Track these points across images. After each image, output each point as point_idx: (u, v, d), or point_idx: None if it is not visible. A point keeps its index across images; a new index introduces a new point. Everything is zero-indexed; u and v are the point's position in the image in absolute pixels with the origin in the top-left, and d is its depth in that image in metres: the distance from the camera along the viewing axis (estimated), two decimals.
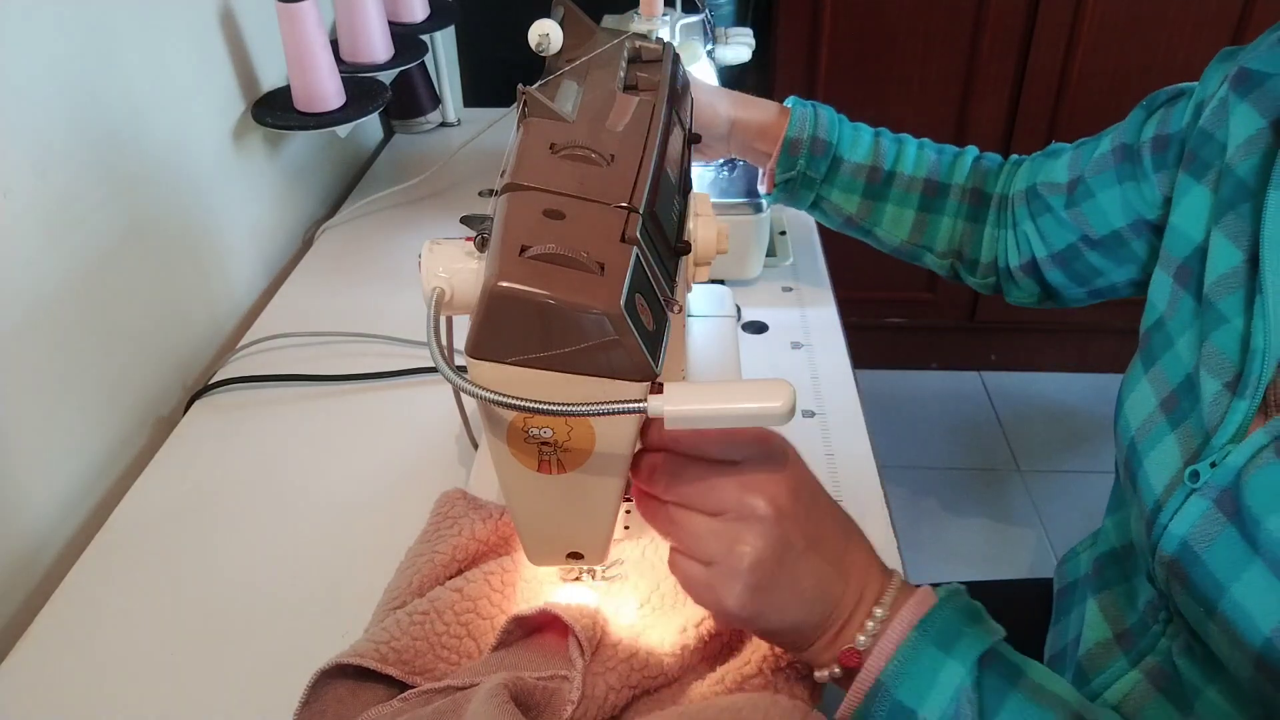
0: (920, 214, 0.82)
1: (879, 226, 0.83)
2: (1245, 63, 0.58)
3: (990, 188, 0.81)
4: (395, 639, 0.54)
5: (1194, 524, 0.51)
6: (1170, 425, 0.55)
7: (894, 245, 0.85)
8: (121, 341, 0.80)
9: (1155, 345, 0.59)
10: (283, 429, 0.81)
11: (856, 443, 0.78)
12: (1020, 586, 0.86)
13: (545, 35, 0.56)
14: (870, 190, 0.82)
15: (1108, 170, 0.69)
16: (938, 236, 0.82)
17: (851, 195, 0.82)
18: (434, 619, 0.55)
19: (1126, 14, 1.78)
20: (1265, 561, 0.46)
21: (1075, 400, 2.18)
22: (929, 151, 0.82)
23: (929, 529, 1.87)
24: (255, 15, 0.99)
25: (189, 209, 0.89)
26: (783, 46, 1.86)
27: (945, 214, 0.82)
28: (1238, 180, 0.54)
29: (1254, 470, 0.48)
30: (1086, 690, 0.63)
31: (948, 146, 0.84)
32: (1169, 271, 0.60)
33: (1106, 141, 0.71)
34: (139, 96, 0.81)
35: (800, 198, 0.85)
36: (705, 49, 0.95)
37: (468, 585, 0.57)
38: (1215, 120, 0.58)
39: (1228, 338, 0.52)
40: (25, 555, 0.69)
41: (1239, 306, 0.51)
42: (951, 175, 0.81)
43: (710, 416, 0.44)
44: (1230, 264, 0.53)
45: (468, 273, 0.47)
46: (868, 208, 0.82)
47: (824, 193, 0.83)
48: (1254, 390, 0.49)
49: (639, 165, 0.50)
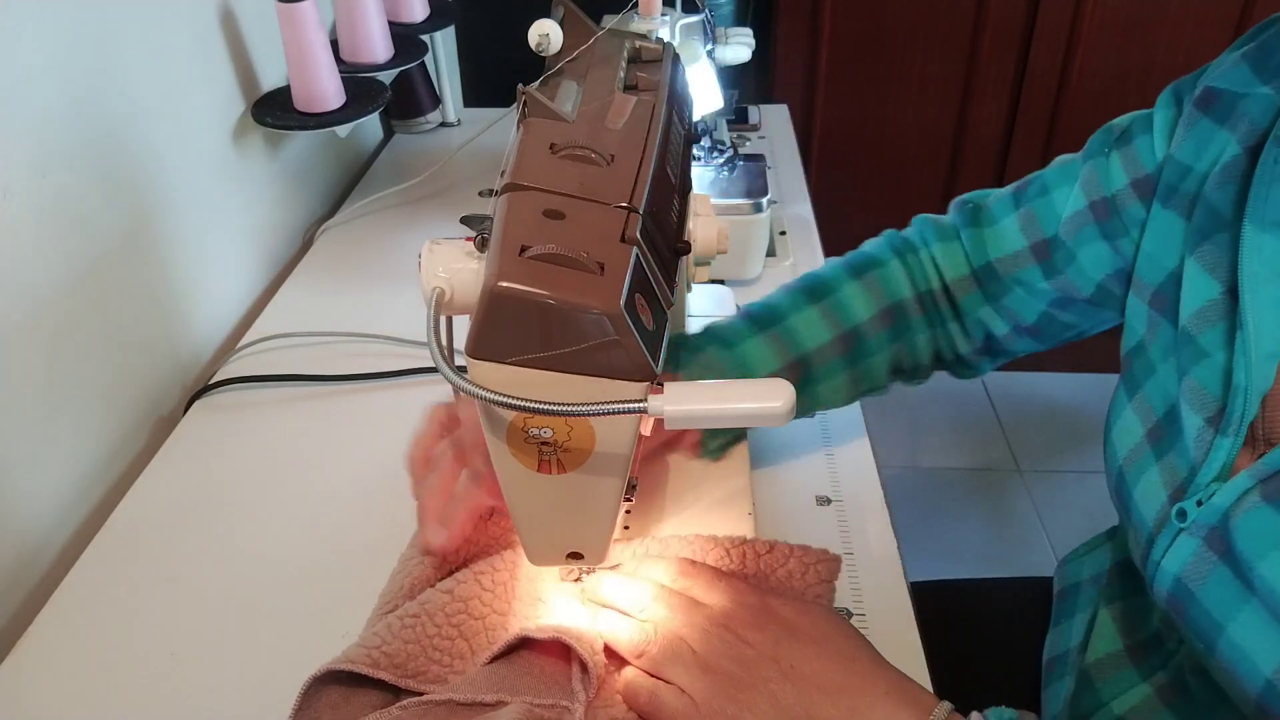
0: (850, 371, 0.70)
1: (817, 406, 0.71)
2: (1211, 83, 0.56)
3: (900, 295, 0.71)
4: (386, 643, 0.54)
5: (1186, 562, 0.50)
6: (1155, 456, 0.54)
7: (837, 407, 0.73)
8: (121, 341, 0.80)
9: (1137, 371, 0.58)
10: (283, 429, 0.81)
11: (856, 443, 0.78)
12: (1019, 585, 0.86)
13: (545, 35, 0.56)
14: (798, 386, 0.65)
15: (1087, 227, 0.63)
16: (874, 375, 0.72)
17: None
18: (425, 621, 0.55)
19: (1126, 14, 1.78)
20: (1261, 604, 0.46)
21: (1075, 400, 2.18)
22: (810, 306, 0.70)
23: (929, 529, 1.87)
24: (255, 15, 0.99)
25: (189, 209, 0.89)
26: (783, 46, 1.86)
27: (871, 354, 0.71)
28: (1211, 209, 0.53)
29: (1241, 513, 0.47)
30: (1093, 699, 0.63)
31: (819, 277, 0.72)
32: (1143, 298, 0.58)
33: (1069, 196, 0.65)
34: (139, 96, 0.81)
35: (730, 442, 0.73)
36: (705, 49, 0.95)
37: (458, 586, 0.57)
38: (1187, 147, 0.56)
39: (1209, 373, 0.50)
40: (25, 555, 0.69)
41: (1220, 341, 0.50)
42: (854, 314, 0.70)
43: (710, 416, 0.44)
44: (1208, 296, 0.51)
45: (468, 273, 0.47)
46: (800, 403, 0.68)
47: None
48: (1237, 428, 0.48)
49: (639, 165, 0.50)
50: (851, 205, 2.01)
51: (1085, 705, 0.63)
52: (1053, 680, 0.70)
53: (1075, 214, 0.64)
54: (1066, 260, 0.65)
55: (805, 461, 0.75)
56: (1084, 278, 0.65)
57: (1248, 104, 0.53)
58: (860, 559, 0.67)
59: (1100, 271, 0.64)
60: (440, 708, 0.52)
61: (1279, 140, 0.49)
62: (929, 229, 0.73)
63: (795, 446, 0.72)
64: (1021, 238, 0.68)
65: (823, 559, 0.61)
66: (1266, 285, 0.49)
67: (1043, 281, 0.67)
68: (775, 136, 1.35)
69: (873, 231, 0.76)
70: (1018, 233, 0.68)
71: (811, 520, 0.70)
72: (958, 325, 0.73)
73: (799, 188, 1.21)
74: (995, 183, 1.98)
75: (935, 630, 0.63)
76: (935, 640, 0.62)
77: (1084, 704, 0.64)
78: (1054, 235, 0.66)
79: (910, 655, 0.60)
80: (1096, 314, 0.68)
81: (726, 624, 0.52)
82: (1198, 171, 0.55)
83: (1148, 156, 0.60)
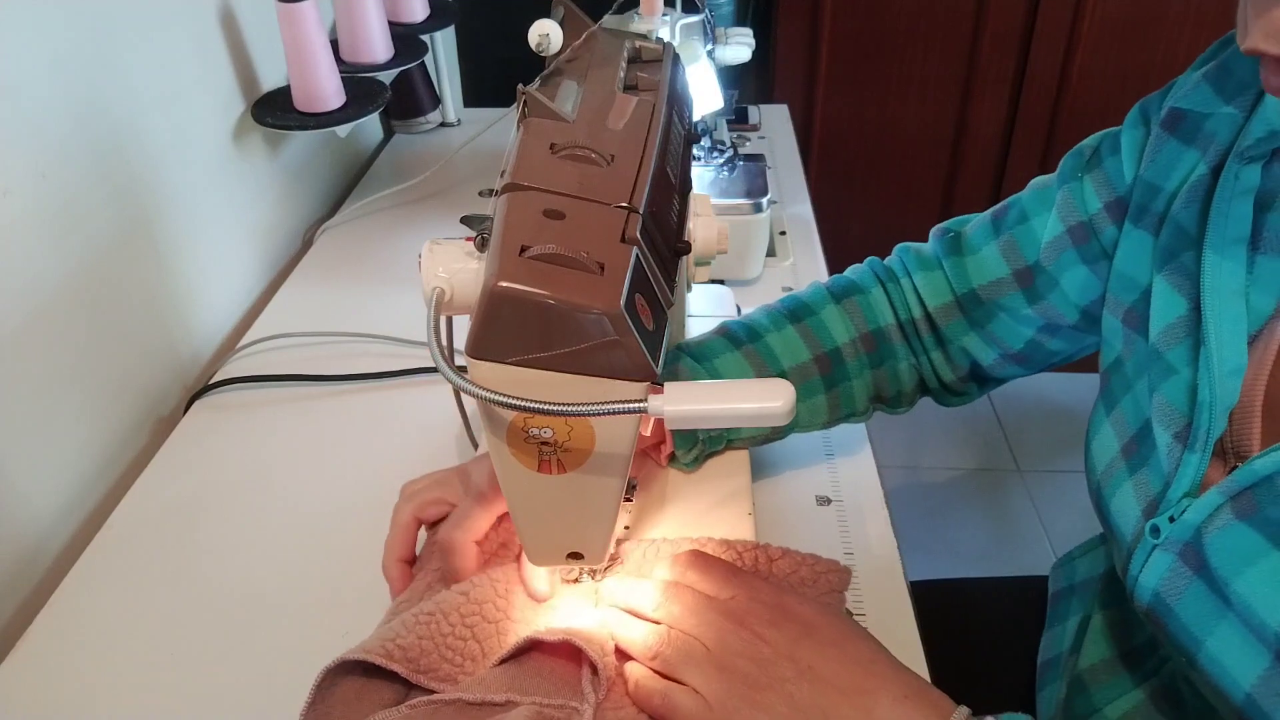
0: (829, 393, 0.70)
1: (796, 428, 0.71)
2: (1175, 103, 0.56)
3: (881, 321, 0.71)
4: (400, 636, 0.54)
5: (1162, 577, 0.50)
6: (1129, 471, 0.54)
7: (816, 429, 0.72)
8: (121, 341, 0.80)
9: (1115, 387, 0.58)
10: (283, 429, 0.81)
11: (857, 443, 0.78)
12: (1019, 585, 0.86)
13: (545, 35, 0.56)
14: None
15: (1067, 252, 0.63)
16: (854, 400, 0.71)
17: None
18: (439, 619, 0.55)
19: (1126, 14, 1.78)
20: (1238, 619, 0.46)
21: (1075, 400, 2.18)
22: (789, 325, 0.70)
23: (929, 529, 1.87)
24: (255, 15, 0.99)
25: (189, 209, 0.89)
26: (783, 46, 1.86)
27: (850, 378, 0.70)
28: (1178, 227, 0.53)
29: (1214, 530, 0.48)
30: (1086, 704, 0.63)
31: (800, 298, 0.72)
32: (1117, 315, 0.59)
33: (1047, 222, 0.65)
34: (139, 96, 0.81)
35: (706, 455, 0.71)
36: (705, 49, 0.95)
37: (473, 589, 0.57)
38: (1155, 168, 0.56)
39: (1176, 389, 0.51)
40: (25, 555, 0.69)
41: (1186, 358, 0.51)
42: (833, 336, 0.70)
43: (710, 416, 0.44)
44: (1176, 313, 0.52)
45: (468, 273, 0.47)
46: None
47: (730, 436, 0.71)
48: (1204, 444, 0.49)
49: (639, 165, 0.50)
50: (851, 205, 2.01)
51: (1078, 710, 0.63)
52: (1045, 684, 0.70)
53: (1054, 239, 0.64)
54: (1049, 286, 0.65)
55: (805, 462, 0.75)
56: (1068, 304, 0.65)
57: (1213, 123, 0.53)
58: (860, 559, 0.67)
59: (1084, 297, 0.64)
60: (449, 707, 0.52)
61: (1239, 158, 0.50)
62: (910, 258, 0.73)
63: (795, 447, 0.72)
64: (1004, 265, 0.67)
65: (833, 569, 0.61)
66: (1228, 302, 0.49)
67: (1027, 308, 0.67)
68: (775, 136, 1.35)
69: (873, 231, 0.76)
70: (1000, 260, 0.68)
71: (811, 520, 0.70)
72: (941, 353, 0.73)
73: (799, 188, 1.21)
74: (995, 183, 2.00)
75: (935, 630, 0.63)
76: (935, 640, 0.62)
77: (1077, 709, 0.64)
78: (1035, 262, 0.66)
79: (910, 655, 0.60)
80: (1082, 339, 0.68)
81: (743, 620, 0.51)
82: (1166, 191, 0.55)
83: (1118, 179, 0.60)
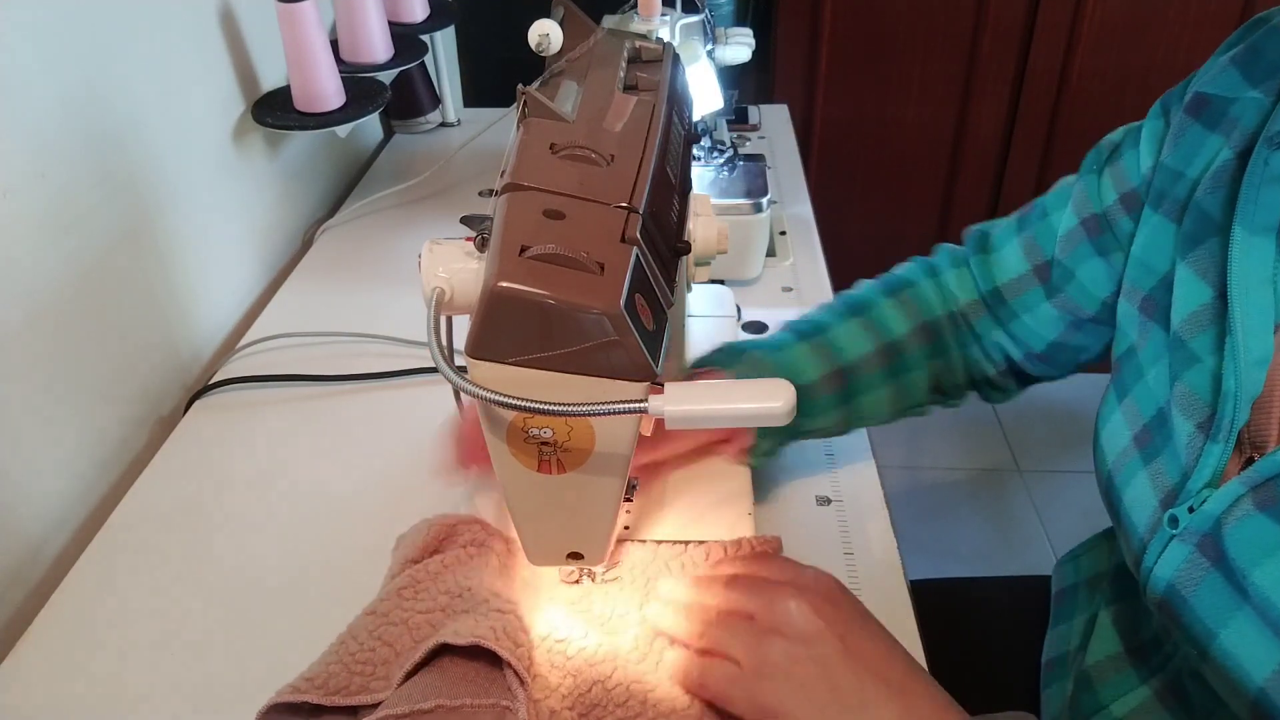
0: (892, 385, 0.71)
1: (860, 421, 0.72)
2: (1200, 88, 0.56)
3: (933, 313, 0.73)
4: (312, 669, 0.54)
5: (1178, 568, 0.50)
6: (1143, 461, 0.54)
7: (881, 423, 0.74)
8: (121, 341, 0.80)
9: (1127, 375, 0.58)
10: (283, 429, 0.81)
11: (857, 443, 0.78)
12: (1019, 584, 0.86)
13: (545, 35, 0.56)
14: (841, 396, 0.69)
15: (1082, 244, 0.64)
16: (916, 392, 0.72)
17: (828, 413, 0.69)
18: (348, 642, 0.56)
19: (1126, 14, 1.78)
20: (1254, 611, 0.46)
21: (1075, 400, 2.18)
22: (851, 319, 0.71)
23: (929, 529, 1.87)
24: (255, 15, 0.99)
25: (189, 209, 0.89)
26: (783, 46, 1.86)
27: (913, 369, 0.71)
28: (1203, 213, 0.52)
29: (1234, 521, 0.47)
30: (1093, 701, 0.63)
31: (856, 295, 0.74)
32: (1134, 303, 0.58)
33: (1064, 216, 0.66)
34: (139, 96, 0.81)
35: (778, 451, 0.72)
36: (705, 49, 0.95)
37: (379, 604, 0.58)
38: (1178, 154, 0.56)
39: (1199, 378, 0.50)
40: (25, 555, 0.69)
41: (1210, 346, 0.50)
42: (892, 329, 0.71)
43: (710, 416, 0.44)
44: (1200, 301, 0.51)
45: (468, 273, 0.47)
46: (844, 414, 0.70)
47: (802, 427, 0.70)
48: (1227, 434, 0.48)
49: (639, 165, 0.50)
50: (851, 205, 2.01)
51: (1085, 707, 0.63)
52: (1051, 681, 0.70)
53: (1069, 232, 0.65)
54: (1065, 279, 0.66)
55: (805, 462, 0.75)
56: (1086, 296, 0.65)
57: (1238, 108, 0.53)
58: (860, 559, 0.67)
59: (1102, 289, 0.64)
60: (369, 711, 0.51)
61: (1269, 143, 0.49)
62: (945, 256, 0.75)
63: (795, 447, 0.72)
64: (1024, 261, 0.69)
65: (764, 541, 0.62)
66: (1255, 290, 0.49)
67: (1045, 303, 0.68)
68: (775, 136, 1.35)
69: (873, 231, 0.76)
70: (1020, 257, 0.69)
71: (811, 520, 0.70)
72: (978, 348, 0.74)
73: (799, 188, 1.21)
74: (995, 183, 2.00)
75: (935, 630, 0.63)
76: (935, 639, 0.62)
77: (1083, 706, 0.64)
78: (1052, 256, 0.67)
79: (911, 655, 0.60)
80: (1107, 334, 0.68)
81: (801, 594, 0.51)
82: (1189, 177, 0.55)
83: (1133, 171, 0.61)
